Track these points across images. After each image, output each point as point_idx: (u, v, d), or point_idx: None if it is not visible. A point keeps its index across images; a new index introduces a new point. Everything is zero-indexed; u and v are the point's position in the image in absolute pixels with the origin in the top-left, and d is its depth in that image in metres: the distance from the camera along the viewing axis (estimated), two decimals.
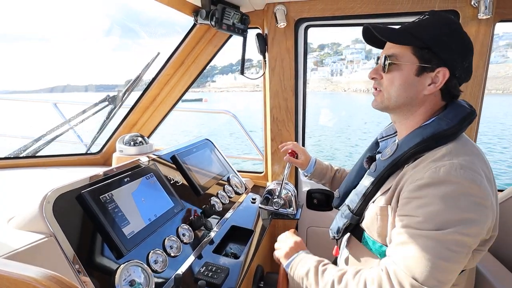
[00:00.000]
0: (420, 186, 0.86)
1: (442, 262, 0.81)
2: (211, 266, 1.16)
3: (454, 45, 0.93)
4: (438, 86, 0.94)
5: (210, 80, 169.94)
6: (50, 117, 2.65)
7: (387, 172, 1.00)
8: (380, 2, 1.59)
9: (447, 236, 0.81)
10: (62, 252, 0.86)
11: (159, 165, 1.45)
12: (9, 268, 0.61)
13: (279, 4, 1.72)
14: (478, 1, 1.46)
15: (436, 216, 0.82)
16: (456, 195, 0.82)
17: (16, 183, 1.61)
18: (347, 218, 1.11)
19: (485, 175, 0.87)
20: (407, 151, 0.95)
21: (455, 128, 0.92)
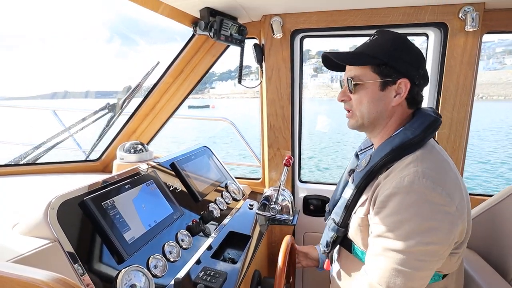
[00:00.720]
0: (387, 196, 0.91)
1: (413, 272, 0.86)
2: (210, 270, 1.19)
3: (407, 57, 1.00)
4: (403, 95, 1.01)
5: (209, 86, 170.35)
6: (49, 124, 2.69)
7: (363, 183, 1.05)
8: (372, 15, 1.65)
9: (416, 247, 0.86)
10: (66, 257, 0.89)
11: (158, 172, 1.48)
12: (18, 271, 0.64)
13: (275, 15, 1.77)
14: (465, 14, 1.53)
15: (403, 225, 0.88)
16: (419, 203, 0.87)
17: (17, 190, 1.64)
18: (334, 231, 1.16)
19: (451, 181, 0.92)
20: (379, 161, 1.01)
21: (420, 136, 0.97)
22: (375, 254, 0.93)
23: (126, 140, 2.30)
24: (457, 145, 1.70)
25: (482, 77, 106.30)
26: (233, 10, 1.66)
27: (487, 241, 1.42)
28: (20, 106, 3.34)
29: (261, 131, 2.08)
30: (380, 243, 0.92)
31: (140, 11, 51.01)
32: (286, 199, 1.83)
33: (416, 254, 0.86)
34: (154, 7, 1.49)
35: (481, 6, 1.51)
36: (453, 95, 1.64)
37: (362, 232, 1.04)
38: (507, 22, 1.57)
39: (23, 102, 55.46)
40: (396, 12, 1.61)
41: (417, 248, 0.86)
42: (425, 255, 0.87)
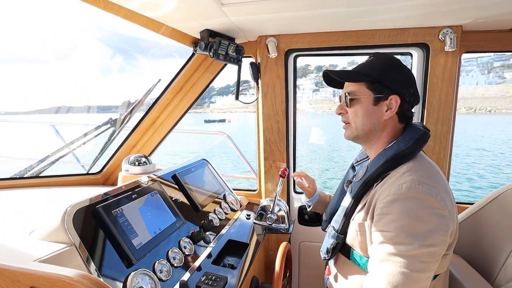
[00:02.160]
0: (388, 202, 1.00)
1: (417, 274, 0.93)
2: (211, 275, 1.27)
3: (398, 77, 1.12)
4: (394, 110, 1.12)
5: (208, 101, 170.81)
6: (50, 138, 2.77)
7: (361, 192, 1.15)
8: (360, 36, 1.78)
9: (419, 250, 0.93)
10: (82, 259, 0.97)
11: (161, 183, 1.57)
12: (45, 269, 0.72)
13: (270, 36, 1.90)
14: (444, 36, 1.67)
15: (405, 229, 0.95)
16: (418, 208, 0.96)
17: (26, 202, 1.71)
18: (334, 238, 1.23)
19: (442, 188, 1.01)
20: (375, 171, 1.11)
21: (411, 147, 1.07)
22: (380, 260, 0.99)
23: (127, 154, 2.38)
24: (441, 156, 1.81)
25: (490, 91, 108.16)
26: (231, 31, 1.78)
27: (470, 246, 1.51)
28: (20, 121, 3.40)
29: (257, 144, 2.18)
30: (384, 249, 0.98)
31: (141, 31, 51.95)
32: (282, 209, 1.91)
33: (419, 257, 0.93)
34: (157, 29, 1.60)
35: (459, 29, 1.66)
36: (436, 109, 1.77)
37: (360, 236, 1.12)
38: (483, 43, 1.72)
39: (27, 116, 55.14)
40: (382, 34, 1.75)
41: (420, 251, 0.93)
42: (427, 257, 0.94)
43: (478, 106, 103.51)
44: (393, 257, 0.96)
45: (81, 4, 1.29)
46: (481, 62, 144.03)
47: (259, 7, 1.41)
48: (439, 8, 1.41)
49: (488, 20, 1.55)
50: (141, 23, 1.50)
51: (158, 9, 1.39)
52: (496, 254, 1.39)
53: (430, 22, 1.65)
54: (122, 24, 74.29)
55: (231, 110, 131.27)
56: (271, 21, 1.64)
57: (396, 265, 0.94)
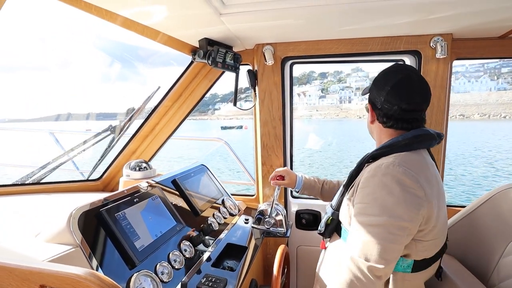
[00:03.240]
0: (367, 177, 1.12)
1: (387, 244, 1.02)
2: (211, 277, 1.30)
3: (374, 88, 1.26)
4: (370, 116, 1.30)
5: (212, 108, 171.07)
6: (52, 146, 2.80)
7: (355, 172, 1.27)
8: (354, 44, 1.84)
9: (388, 221, 1.02)
10: (87, 260, 1.00)
11: (162, 188, 1.60)
12: (54, 267, 0.75)
13: (267, 44, 1.95)
14: (435, 44, 1.73)
15: (377, 201, 1.06)
16: (392, 184, 1.05)
17: (28, 207, 1.73)
18: (329, 213, 1.35)
19: (424, 177, 1.09)
20: (370, 154, 1.24)
21: (408, 140, 1.16)
22: (354, 230, 1.10)
23: (126, 160, 2.41)
24: (435, 160, 1.86)
25: (504, 97, 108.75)
26: (229, 40, 1.83)
27: (464, 247, 1.55)
28: (20, 129, 3.43)
29: (255, 150, 2.22)
30: (358, 220, 1.10)
31: (141, 40, 51.93)
32: (280, 213, 1.94)
33: (388, 227, 1.02)
34: (157, 38, 1.65)
35: (449, 36, 1.72)
36: (429, 115, 1.82)
37: (348, 211, 1.21)
38: (473, 50, 1.78)
39: (27, 124, 54.81)
40: (375, 42, 1.81)
41: (388, 222, 1.02)
42: (395, 229, 1.02)
43: (492, 112, 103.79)
44: (365, 227, 1.06)
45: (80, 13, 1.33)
46: (488, 68, 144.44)
47: (256, 17, 1.46)
48: (428, 16, 1.46)
49: (477, 28, 1.61)
50: (141, 32, 1.54)
51: (159, 19, 1.44)
52: (489, 255, 1.43)
53: (422, 30, 1.71)
54: (122, 33, 72.96)
55: (237, 116, 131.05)
56: (267, 30, 1.69)
57: (367, 235, 1.05)
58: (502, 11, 1.38)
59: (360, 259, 1.04)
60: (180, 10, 1.36)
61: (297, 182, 1.74)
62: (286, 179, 1.75)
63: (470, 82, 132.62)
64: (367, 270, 1.02)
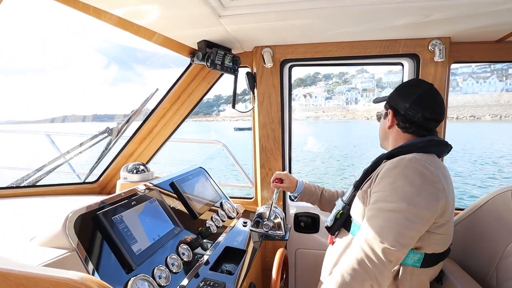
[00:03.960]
0: (389, 169, 1.17)
1: (403, 229, 1.06)
2: (209, 281, 1.29)
3: (398, 96, 1.34)
4: (390, 120, 1.36)
5: (216, 109, 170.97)
6: (48, 148, 2.77)
7: (371, 167, 1.32)
8: (354, 46, 1.84)
9: (407, 208, 1.06)
10: (83, 265, 0.98)
11: (160, 191, 1.59)
12: (49, 272, 0.73)
13: (266, 47, 1.95)
14: (434, 47, 1.73)
15: (397, 190, 1.10)
16: (414, 175, 1.10)
17: (24, 210, 1.70)
18: (339, 206, 1.38)
19: (442, 175, 1.15)
20: (389, 152, 1.29)
21: (425, 143, 1.24)
22: (371, 216, 1.14)
23: (124, 163, 2.39)
24: None
25: None
26: (228, 42, 1.83)
27: (463, 250, 1.54)
28: (15, 131, 3.41)
29: (253, 152, 2.21)
30: (375, 207, 1.14)
31: (139, 42, 52.55)
32: (279, 216, 1.93)
33: (405, 214, 1.06)
34: (156, 40, 1.64)
35: (447, 40, 1.72)
36: None
37: (361, 203, 1.26)
38: (470, 54, 1.78)
39: (25, 126, 54.31)
40: (374, 45, 1.81)
41: (407, 209, 1.06)
42: (413, 216, 1.06)
43: (504, 113, 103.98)
44: (383, 213, 1.10)
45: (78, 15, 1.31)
46: (494, 69, 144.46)
47: (256, 19, 1.45)
48: (427, 19, 1.46)
49: (475, 31, 1.61)
50: (139, 33, 1.53)
51: (157, 20, 1.43)
52: (488, 258, 1.42)
53: (420, 34, 1.71)
54: (120, 35, 72.90)
55: (243, 118, 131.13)
56: (267, 32, 1.69)
57: (384, 220, 1.08)
58: (499, 15, 1.38)
59: (375, 240, 1.07)
60: (180, 12, 1.35)
61: (298, 186, 1.75)
62: (286, 183, 1.75)
63: (479, 83, 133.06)
64: (381, 251, 1.05)
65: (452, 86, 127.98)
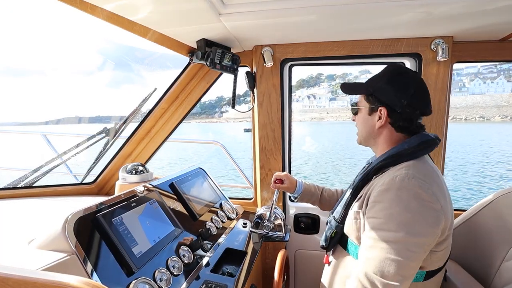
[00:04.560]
0: (381, 191, 1.06)
1: (405, 261, 0.98)
2: (211, 283, 1.27)
3: (391, 89, 1.19)
4: (383, 121, 1.22)
5: (218, 110, 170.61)
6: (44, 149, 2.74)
7: (360, 183, 1.24)
8: (355, 46, 1.83)
9: (406, 238, 0.98)
10: (83, 268, 0.96)
11: (159, 192, 1.56)
12: (48, 277, 0.72)
13: (266, 46, 1.93)
14: (436, 46, 1.72)
15: (394, 217, 1.01)
16: (409, 199, 1.01)
17: (20, 212, 1.68)
18: (333, 226, 1.30)
19: (437, 186, 1.07)
20: (376, 165, 1.20)
21: (414, 148, 1.14)
22: (369, 246, 1.04)
23: (121, 163, 2.37)
24: (435, 162, 1.84)
25: None
26: (227, 41, 1.81)
27: (465, 251, 1.54)
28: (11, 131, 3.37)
29: (253, 153, 2.19)
30: (373, 236, 1.04)
31: (137, 41, 51.92)
32: (279, 217, 1.91)
33: (406, 244, 0.98)
34: (156, 39, 1.61)
35: (450, 39, 1.71)
36: (429, 117, 1.80)
37: (354, 224, 1.17)
38: (473, 53, 1.77)
39: (21, 127, 53.83)
40: (376, 44, 1.79)
41: (407, 239, 0.98)
42: (414, 246, 0.98)
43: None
44: (381, 243, 1.01)
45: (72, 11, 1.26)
46: (501, 69, 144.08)
47: (256, 17, 1.43)
48: (429, 18, 1.45)
49: (477, 30, 1.60)
50: (138, 32, 1.51)
51: (157, 19, 1.41)
52: (490, 259, 1.42)
53: (422, 33, 1.69)
54: (119, 35, 71.15)
55: (247, 119, 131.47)
56: (267, 31, 1.67)
57: (383, 251, 0.99)
58: (502, 13, 1.37)
59: (375, 276, 0.99)
60: (180, 11, 1.33)
61: (297, 187, 1.72)
62: (286, 183, 1.72)
63: (486, 84, 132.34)
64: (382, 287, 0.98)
65: (459, 86, 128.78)
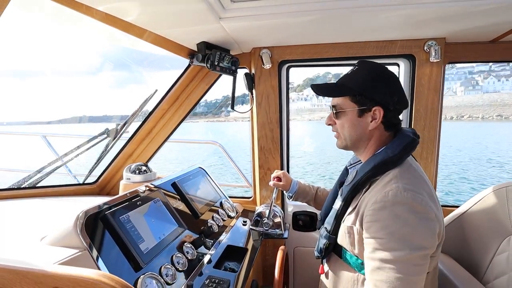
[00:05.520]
0: (376, 210, 1.04)
1: (412, 277, 0.97)
2: (214, 278, 1.32)
3: (381, 87, 1.15)
4: (378, 121, 1.16)
5: (225, 109, 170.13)
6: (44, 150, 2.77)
7: (350, 195, 1.19)
8: (351, 47, 1.88)
9: (410, 255, 0.97)
10: (95, 263, 1.00)
11: (163, 191, 1.61)
12: (67, 270, 0.76)
13: (264, 48, 1.98)
14: (429, 48, 1.77)
15: (395, 235, 1.00)
16: (405, 213, 1.00)
17: (28, 211, 1.71)
18: (326, 238, 1.29)
19: (426, 193, 1.06)
20: (363, 176, 1.15)
21: (399, 154, 1.12)
22: (376, 268, 1.01)
23: (123, 163, 2.41)
24: (429, 161, 1.91)
25: None
26: (227, 43, 1.85)
27: (459, 246, 1.59)
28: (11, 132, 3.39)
29: (252, 152, 2.23)
30: (378, 257, 1.01)
31: (140, 43, 52.51)
32: (278, 214, 1.96)
33: (412, 261, 0.97)
34: (156, 42, 1.66)
35: (442, 41, 1.77)
36: (423, 117, 1.86)
37: (348, 238, 1.17)
38: (465, 54, 1.83)
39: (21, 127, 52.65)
40: (371, 46, 1.85)
41: (412, 255, 0.97)
42: (419, 260, 0.98)
43: None
44: (388, 264, 0.99)
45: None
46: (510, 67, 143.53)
47: (255, 20, 1.48)
48: (422, 19, 1.49)
49: (469, 31, 1.65)
50: (143, 37, 1.55)
51: (158, 23, 1.46)
52: (483, 253, 1.47)
53: (416, 35, 1.75)
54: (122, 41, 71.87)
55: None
56: (265, 34, 1.72)
57: (392, 272, 0.98)
58: (493, 15, 1.41)
59: None
60: (181, 15, 1.37)
61: (292, 185, 1.74)
62: (283, 181, 1.76)
63: (500, 82, 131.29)
64: None
65: (472, 85, 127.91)
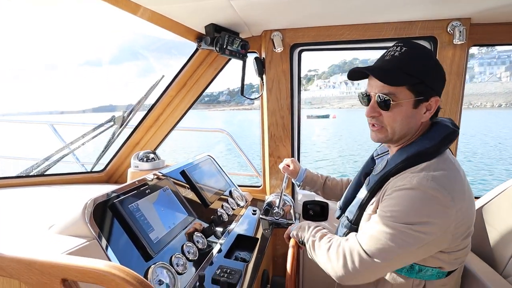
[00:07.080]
0: (396, 190, 1.00)
1: (393, 245, 0.95)
2: (226, 268, 1.28)
3: (439, 75, 1.06)
4: (432, 112, 1.07)
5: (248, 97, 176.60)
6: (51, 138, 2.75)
7: (377, 186, 1.13)
8: (367, 29, 1.78)
9: (405, 230, 0.94)
10: (104, 253, 0.97)
11: (171, 179, 1.57)
12: (76, 261, 0.72)
13: (275, 31, 1.89)
14: (453, 29, 1.66)
15: (401, 214, 0.96)
16: (423, 200, 0.95)
17: (36, 199, 1.68)
18: (347, 227, 1.24)
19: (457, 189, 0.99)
20: (394, 167, 1.08)
21: (436, 146, 1.04)
22: (372, 221, 1.03)
23: (130, 151, 2.37)
24: None
25: None
26: (236, 26, 1.78)
27: (478, 238, 1.53)
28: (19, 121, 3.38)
29: (262, 140, 2.18)
30: (377, 217, 1.01)
31: (146, 26, 51.10)
32: (288, 203, 1.92)
33: (403, 234, 0.94)
34: (163, 24, 1.59)
35: (468, 21, 1.65)
36: (443, 103, 1.77)
37: None
38: (491, 36, 1.72)
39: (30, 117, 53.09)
40: (389, 27, 1.75)
41: (406, 231, 0.94)
42: (410, 238, 0.94)
43: None
44: (380, 225, 0.98)
45: None
46: None
47: (267, 1, 1.40)
48: None
49: (496, 11, 1.54)
50: (152, 19, 1.49)
51: (165, 4, 1.39)
52: (504, 246, 1.41)
53: (438, 15, 1.64)
54: (128, 25, 68.77)
55: None
56: (277, 14, 1.63)
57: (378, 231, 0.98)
58: None
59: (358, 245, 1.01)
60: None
61: (299, 173, 1.70)
62: (292, 168, 1.71)
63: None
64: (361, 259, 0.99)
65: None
